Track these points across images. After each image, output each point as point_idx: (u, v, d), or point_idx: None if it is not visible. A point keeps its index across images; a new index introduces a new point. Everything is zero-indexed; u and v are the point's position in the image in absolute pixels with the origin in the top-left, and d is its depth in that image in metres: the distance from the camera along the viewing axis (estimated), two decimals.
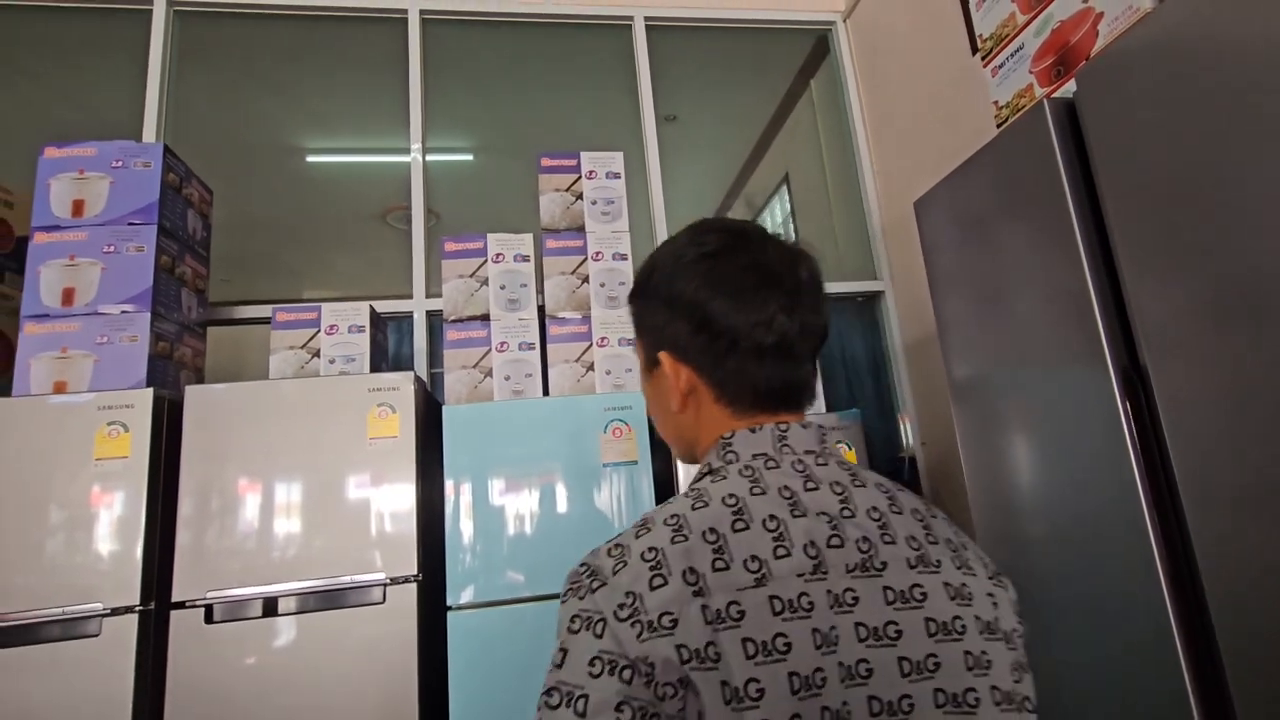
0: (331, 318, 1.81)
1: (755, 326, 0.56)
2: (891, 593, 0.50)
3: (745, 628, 0.45)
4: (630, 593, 0.47)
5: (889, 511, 0.55)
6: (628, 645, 0.45)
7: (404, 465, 1.55)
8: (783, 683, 0.44)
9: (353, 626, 1.46)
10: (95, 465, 1.46)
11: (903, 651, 0.48)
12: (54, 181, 1.74)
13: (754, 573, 0.47)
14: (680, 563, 0.47)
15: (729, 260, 0.58)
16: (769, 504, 0.51)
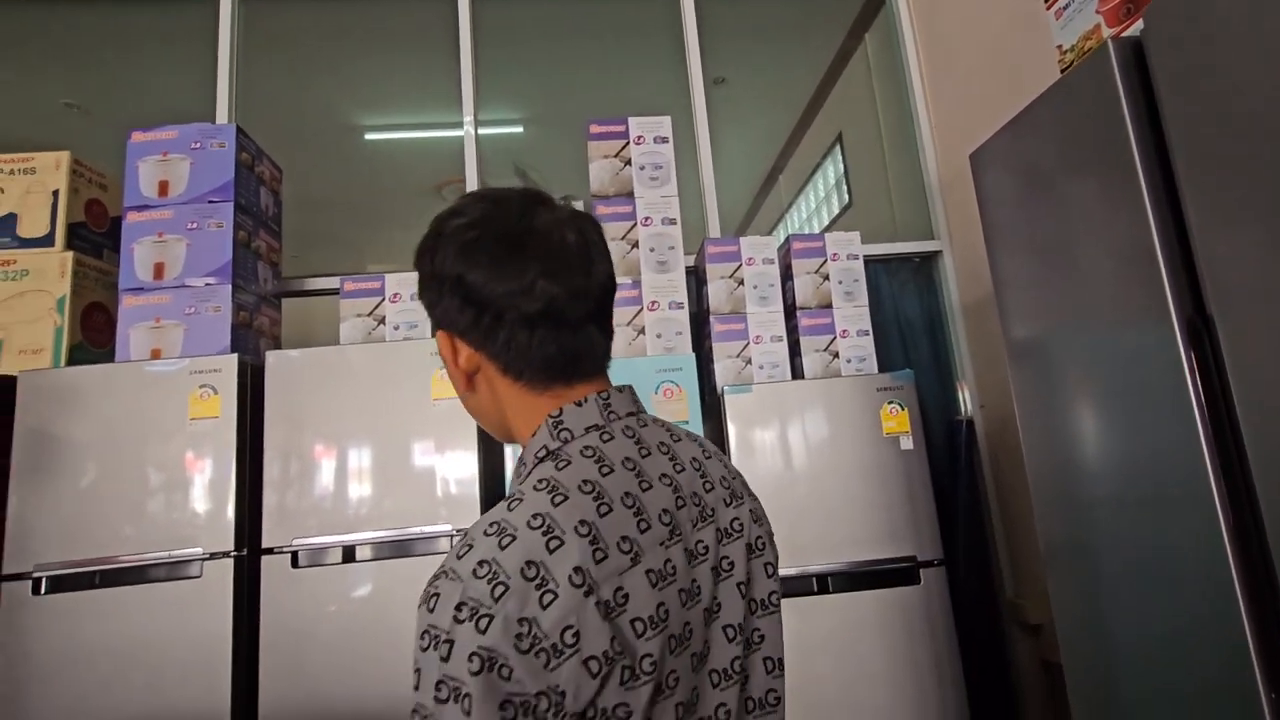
0: (395, 286, 1.90)
1: (517, 295, 0.54)
2: (721, 531, 0.57)
3: (631, 609, 0.47)
4: (523, 619, 0.44)
5: (703, 459, 0.61)
6: (525, 682, 0.43)
7: (466, 424, 1.64)
8: (665, 647, 0.48)
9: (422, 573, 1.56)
10: (190, 425, 1.59)
11: (738, 578, 0.57)
12: (141, 164, 1.87)
13: (627, 553, 0.49)
14: (563, 567, 0.46)
15: (486, 228, 0.57)
16: (620, 482, 0.53)
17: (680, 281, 1.96)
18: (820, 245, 2.02)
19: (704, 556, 0.55)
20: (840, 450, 1.74)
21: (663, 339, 1.90)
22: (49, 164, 1.86)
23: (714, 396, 1.88)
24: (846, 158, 3.21)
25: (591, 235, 0.60)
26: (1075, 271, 1.23)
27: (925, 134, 2.58)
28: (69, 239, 1.83)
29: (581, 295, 0.57)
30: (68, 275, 1.79)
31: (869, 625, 1.66)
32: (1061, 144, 1.24)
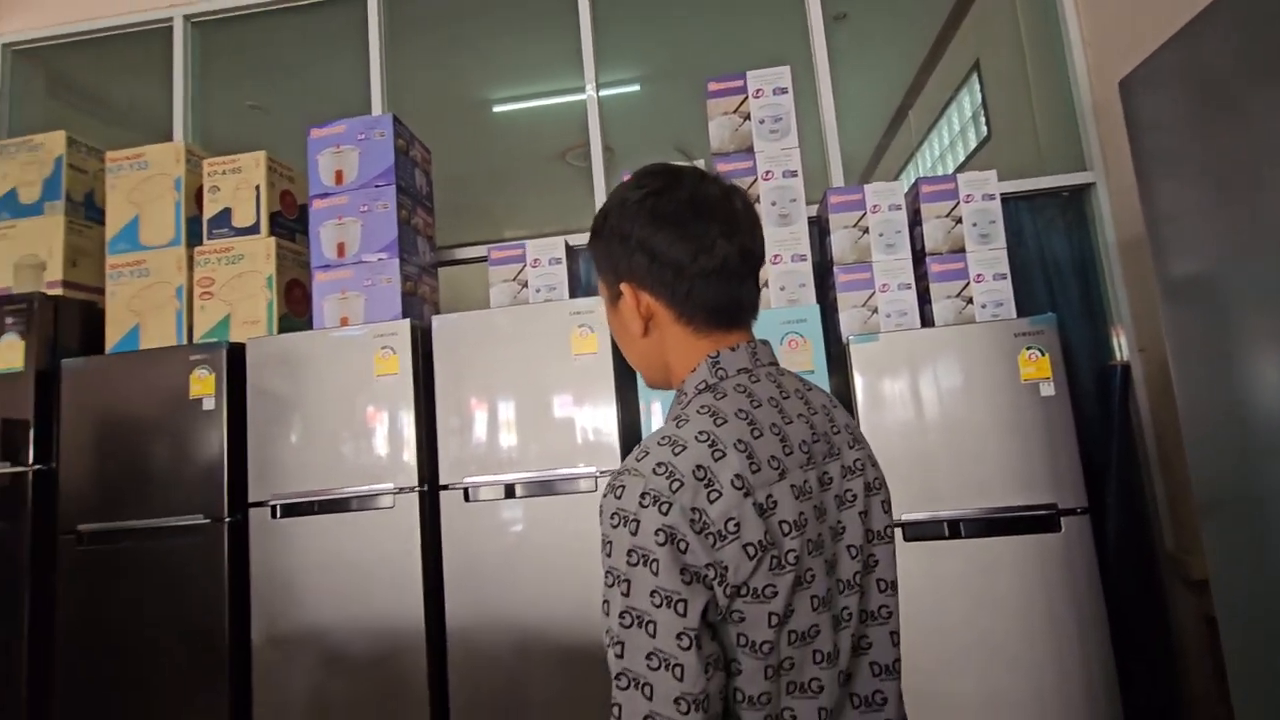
0: (534, 253, 2.07)
1: (699, 253, 0.65)
2: (845, 468, 0.68)
3: (779, 513, 0.58)
4: (695, 509, 0.55)
5: (830, 407, 0.72)
6: (699, 555, 0.54)
7: (603, 377, 1.79)
8: (804, 547, 0.59)
9: (569, 508, 1.76)
10: (375, 380, 1.87)
11: (859, 508, 0.67)
12: (320, 157, 2.16)
13: (776, 469, 0.60)
14: (726, 473, 0.57)
15: (669, 197, 0.67)
16: (766, 415, 0.63)
17: (803, 233, 1.97)
18: (952, 187, 1.94)
19: (830, 485, 0.66)
20: (974, 398, 1.72)
21: (786, 291, 1.94)
22: (251, 163, 2.19)
23: (839, 347, 1.91)
24: (984, 87, 2.98)
25: (752, 205, 0.71)
26: (1259, 194, 1.12)
27: (1076, 53, 2.35)
28: (270, 226, 2.17)
29: (748, 254, 0.68)
30: (272, 257, 2.12)
31: (1003, 571, 1.66)
32: (1244, 51, 1.12)
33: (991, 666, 1.63)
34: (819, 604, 0.60)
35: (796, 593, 0.58)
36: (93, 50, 3.00)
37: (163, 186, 2.20)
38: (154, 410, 1.92)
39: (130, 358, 2.00)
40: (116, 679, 1.83)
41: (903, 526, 1.69)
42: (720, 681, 0.56)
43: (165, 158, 2.21)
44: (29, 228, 2.19)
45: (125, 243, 2.19)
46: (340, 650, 1.77)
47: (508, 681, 1.72)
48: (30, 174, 2.22)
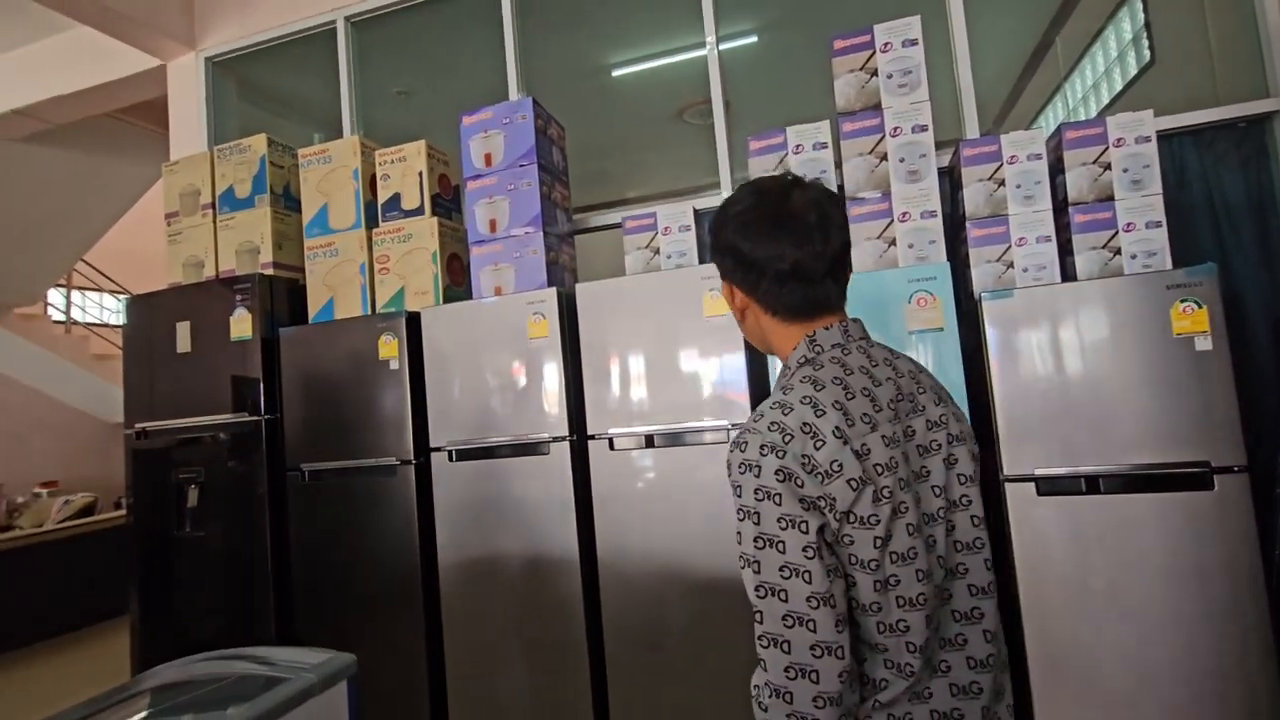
0: (665, 220, 2.21)
1: (772, 259, 0.79)
2: (929, 422, 0.81)
3: (872, 457, 0.73)
4: (805, 455, 0.71)
5: (917, 372, 0.85)
6: (811, 489, 0.70)
7: (733, 337, 1.92)
8: (896, 484, 0.74)
9: (701, 458, 1.93)
10: (529, 343, 2.11)
11: (943, 455, 0.81)
12: (471, 141, 2.40)
13: (868, 424, 0.75)
14: (827, 427, 0.73)
15: (752, 213, 0.82)
16: (858, 380, 0.78)
17: (933, 189, 1.96)
18: (1099, 131, 1.84)
19: (913, 436, 0.80)
20: (1119, 353, 1.67)
21: (915, 249, 1.95)
22: (413, 152, 2.48)
23: (971, 303, 1.90)
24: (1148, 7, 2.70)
25: (830, 211, 0.82)
26: None
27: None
28: (433, 207, 2.45)
29: (818, 259, 0.80)
30: (435, 235, 2.41)
31: (1148, 528, 1.63)
32: None
33: (1133, 626, 1.63)
34: (913, 530, 0.74)
35: (894, 520, 0.73)
36: (272, 56, 3.43)
37: (344, 177, 2.54)
38: (352, 369, 2.29)
39: (330, 326, 2.38)
40: (337, 587, 2.26)
41: (1036, 481, 1.71)
42: (842, 587, 0.71)
43: (344, 151, 2.55)
44: (245, 219, 2.62)
45: (318, 227, 2.56)
46: (508, 572, 2.07)
47: (648, 602, 1.94)
48: (242, 172, 2.65)
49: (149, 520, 2.50)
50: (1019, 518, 1.72)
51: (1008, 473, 1.73)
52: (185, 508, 2.44)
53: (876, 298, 1.83)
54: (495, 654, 2.08)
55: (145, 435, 2.51)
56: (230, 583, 2.38)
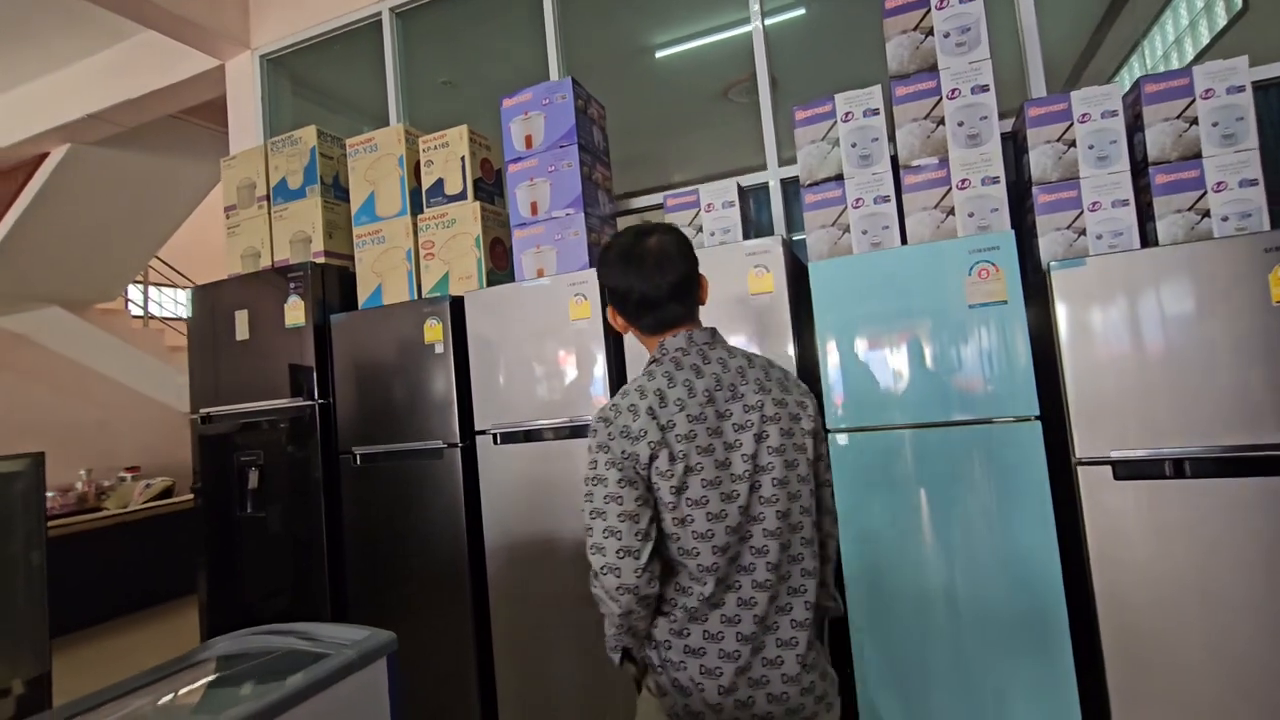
0: (708, 197, 2.14)
1: (627, 291, 1.08)
2: (746, 406, 1.04)
3: (675, 430, 1.00)
4: (624, 425, 1.01)
5: (747, 367, 1.08)
6: (623, 448, 0.99)
7: (780, 314, 1.84)
8: (690, 450, 1.00)
9: None
10: (571, 325, 2.09)
11: (756, 431, 1.04)
12: (512, 124, 2.38)
13: (679, 406, 1.01)
14: (643, 406, 1.01)
15: (613, 254, 1.11)
16: (684, 374, 1.04)
17: (995, 153, 1.83)
18: (1185, 83, 1.68)
19: (729, 417, 1.04)
20: (1208, 323, 1.53)
21: (975, 218, 1.83)
22: (456, 137, 2.48)
23: (1038, 275, 1.78)
24: None
25: (671, 251, 1.08)
26: None
27: None
28: (475, 191, 2.46)
29: (659, 289, 1.07)
30: (478, 219, 2.41)
31: (1238, 514, 1.49)
32: None
33: (1225, 625, 1.50)
34: (707, 484, 1.00)
35: (688, 475, 1.00)
36: (322, 51, 3.51)
37: (389, 165, 2.57)
38: (399, 354, 2.32)
39: (378, 312, 2.42)
40: (387, 567, 2.30)
41: (1113, 465, 1.58)
42: (649, 514, 0.99)
43: (389, 139, 2.58)
44: (297, 209, 2.69)
45: (366, 215, 2.60)
46: (555, 554, 2.07)
47: None
48: (294, 164, 2.71)
49: (214, 502, 2.61)
50: (1093, 504, 1.60)
51: (1080, 455, 1.61)
52: (247, 489, 2.53)
53: (932, 271, 1.72)
54: (542, 635, 2.08)
55: (210, 420, 2.62)
56: (288, 562, 2.46)
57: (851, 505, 1.78)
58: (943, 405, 1.71)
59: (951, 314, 1.71)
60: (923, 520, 1.72)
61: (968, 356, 1.70)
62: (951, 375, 1.71)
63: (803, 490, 1.06)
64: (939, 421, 1.72)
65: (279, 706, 0.92)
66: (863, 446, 1.78)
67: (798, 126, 2.05)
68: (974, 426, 1.69)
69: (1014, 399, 1.66)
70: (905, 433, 1.75)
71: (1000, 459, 1.66)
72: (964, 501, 1.69)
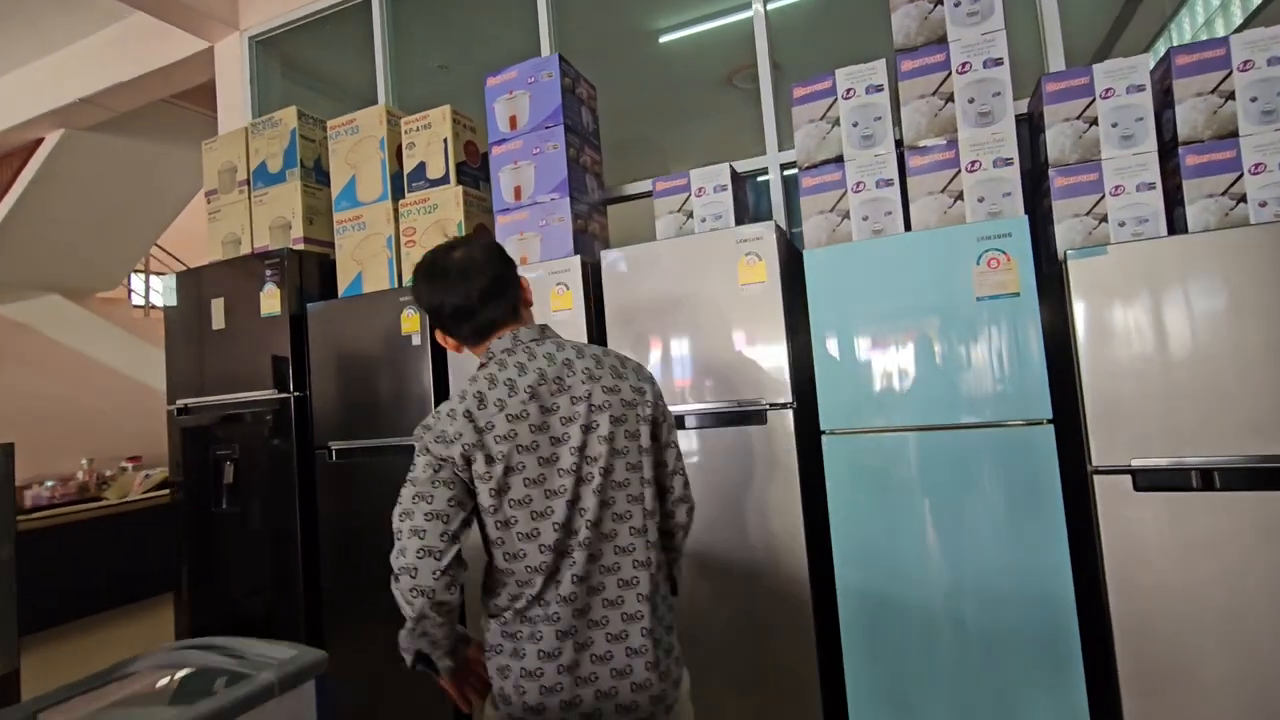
0: (699, 181, 2.01)
1: (440, 306, 1.07)
2: (573, 399, 1.03)
3: (495, 430, 0.98)
4: (441, 430, 0.98)
5: (575, 358, 1.06)
6: (439, 452, 0.97)
7: (772, 306, 1.71)
8: (512, 450, 0.98)
9: (744, 441, 1.74)
10: (552, 316, 1.97)
11: (581, 422, 1.01)
12: (496, 104, 2.26)
13: (498, 407, 0.99)
14: (461, 409, 0.99)
15: (421, 272, 1.10)
16: (508, 373, 1.02)
17: (1008, 133, 1.69)
18: (1221, 54, 1.53)
19: (556, 410, 1.02)
20: (1239, 320, 1.38)
21: (986, 203, 1.69)
22: (438, 118, 2.36)
23: (1053, 265, 1.63)
24: None
25: (478, 259, 1.08)
26: None
27: None
28: (457, 175, 2.34)
29: (468, 298, 1.05)
30: (460, 204, 2.30)
31: (1270, 530, 1.35)
32: None
33: (1251, 649, 1.35)
34: (530, 483, 0.99)
35: (509, 476, 0.98)
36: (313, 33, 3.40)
37: (371, 148, 2.46)
38: (377, 346, 2.21)
39: (355, 301, 2.31)
40: (364, 566, 2.20)
41: (1133, 474, 1.44)
42: (460, 515, 0.97)
43: (371, 121, 2.47)
44: (277, 194, 2.59)
45: (346, 200, 2.50)
46: None
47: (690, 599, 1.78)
48: (274, 147, 2.61)
49: (191, 496, 2.53)
50: (1109, 515, 1.46)
51: (1097, 463, 1.47)
52: (222, 484, 2.44)
53: (938, 259, 1.59)
54: None
55: (186, 412, 2.53)
56: (264, 561, 2.37)
57: (847, 513, 1.65)
58: (948, 406, 1.58)
59: (958, 307, 1.57)
60: (925, 531, 1.59)
61: (975, 354, 1.56)
62: (958, 374, 1.57)
63: (632, 479, 1.04)
64: (943, 424, 1.58)
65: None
66: (860, 450, 1.65)
67: (796, 104, 1.91)
68: (982, 430, 1.55)
69: (1025, 400, 1.52)
70: (907, 435, 1.61)
71: (1010, 466, 1.53)
72: (970, 511, 1.55)
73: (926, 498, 1.59)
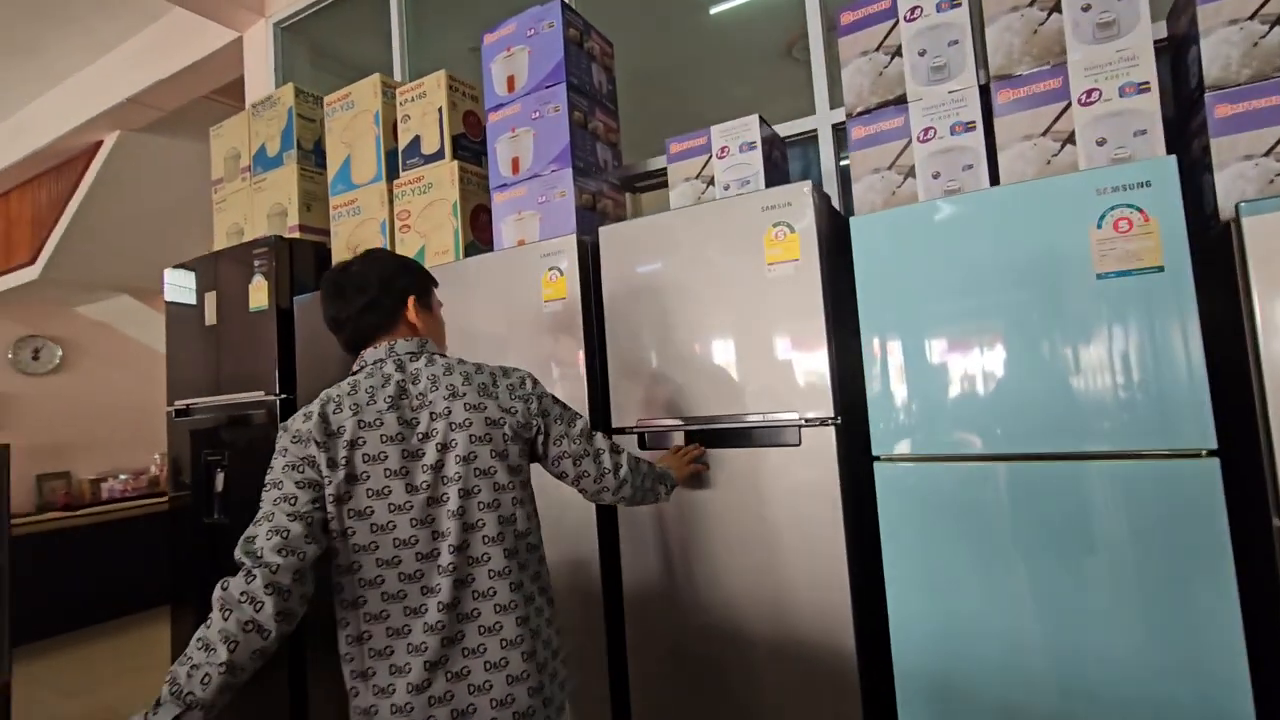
0: (721, 139, 1.63)
1: (327, 317, 1.12)
2: (433, 414, 1.03)
3: (344, 436, 0.98)
4: (298, 429, 0.99)
5: (441, 375, 1.07)
6: (298, 452, 0.98)
7: (808, 291, 1.31)
8: (357, 459, 0.98)
9: (768, 469, 1.35)
10: (544, 308, 1.64)
11: (437, 440, 1.02)
12: (493, 65, 1.95)
13: (353, 412, 1.01)
14: (316, 410, 1.01)
15: (322, 286, 1.14)
16: (373, 380, 1.05)
17: (1142, 48, 1.22)
18: None
19: (416, 425, 1.03)
20: None
21: (1109, 146, 1.23)
22: (433, 84, 2.08)
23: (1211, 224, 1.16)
24: None
25: (364, 270, 1.11)
26: None
27: None
28: (454, 150, 2.05)
29: (344, 310, 1.10)
30: (455, 182, 2.00)
31: None
32: None
33: None
34: (373, 494, 0.98)
35: (353, 484, 0.97)
36: (339, 17, 3.23)
37: (365, 124, 2.21)
38: None
39: None
40: None
41: None
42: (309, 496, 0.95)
43: (365, 94, 2.22)
44: (275, 179, 2.39)
45: (342, 183, 2.26)
46: None
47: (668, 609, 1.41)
48: (272, 128, 2.41)
49: (183, 505, 2.37)
50: None
51: None
52: (214, 493, 2.26)
53: (1041, 223, 1.14)
54: None
55: (182, 414, 2.37)
56: None
57: (909, 573, 1.23)
58: (1056, 427, 1.13)
59: (1070, 288, 1.12)
60: (1022, 603, 1.15)
61: (1095, 354, 1.11)
62: (1070, 382, 1.13)
63: (502, 499, 1.03)
64: (1050, 453, 1.14)
65: None
66: (928, 484, 1.23)
67: (843, 34, 1.49)
68: (1109, 462, 1.10)
69: (1175, 421, 1.06)
70: (996, 467, 1.18)
71: (1153, 513, 1.07)
72: (1091, 577, 1.11)
73: (1024, 556, 1.14)
